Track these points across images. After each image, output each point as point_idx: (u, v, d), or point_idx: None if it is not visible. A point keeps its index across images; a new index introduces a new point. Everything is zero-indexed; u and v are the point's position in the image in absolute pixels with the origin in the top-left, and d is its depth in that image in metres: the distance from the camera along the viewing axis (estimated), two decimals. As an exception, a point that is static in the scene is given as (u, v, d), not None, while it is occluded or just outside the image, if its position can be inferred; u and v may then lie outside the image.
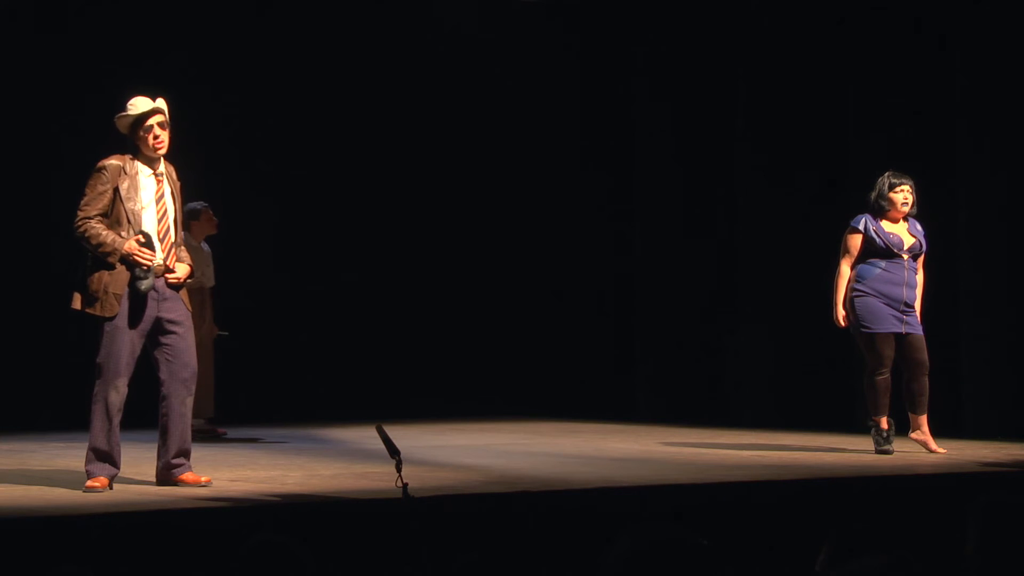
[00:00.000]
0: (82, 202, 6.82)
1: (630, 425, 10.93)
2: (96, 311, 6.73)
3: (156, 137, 6.84)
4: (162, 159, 6.94)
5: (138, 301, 6.75)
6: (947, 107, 10.09)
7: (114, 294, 6.72)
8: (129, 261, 6.72)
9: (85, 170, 6.89)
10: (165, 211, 6.91)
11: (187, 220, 9.52)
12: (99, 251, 6.74)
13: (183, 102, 7.48)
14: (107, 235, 6.74)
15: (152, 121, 6.84)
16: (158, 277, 6.81)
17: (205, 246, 10.21)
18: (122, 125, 6.89)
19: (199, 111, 10.60)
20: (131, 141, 6.89)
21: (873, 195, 8.56)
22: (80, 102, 10.31)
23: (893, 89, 10.28)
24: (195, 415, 9.81)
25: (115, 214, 6.79)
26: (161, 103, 6.90)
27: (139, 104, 6.86)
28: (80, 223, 6.78)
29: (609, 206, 12.46)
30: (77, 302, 6.80)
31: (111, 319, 6.71)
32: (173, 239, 6.93)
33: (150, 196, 6.86)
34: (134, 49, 10.85)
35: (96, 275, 6.76)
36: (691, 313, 11.70)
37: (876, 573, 2.87)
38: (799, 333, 10.70)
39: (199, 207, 10.04)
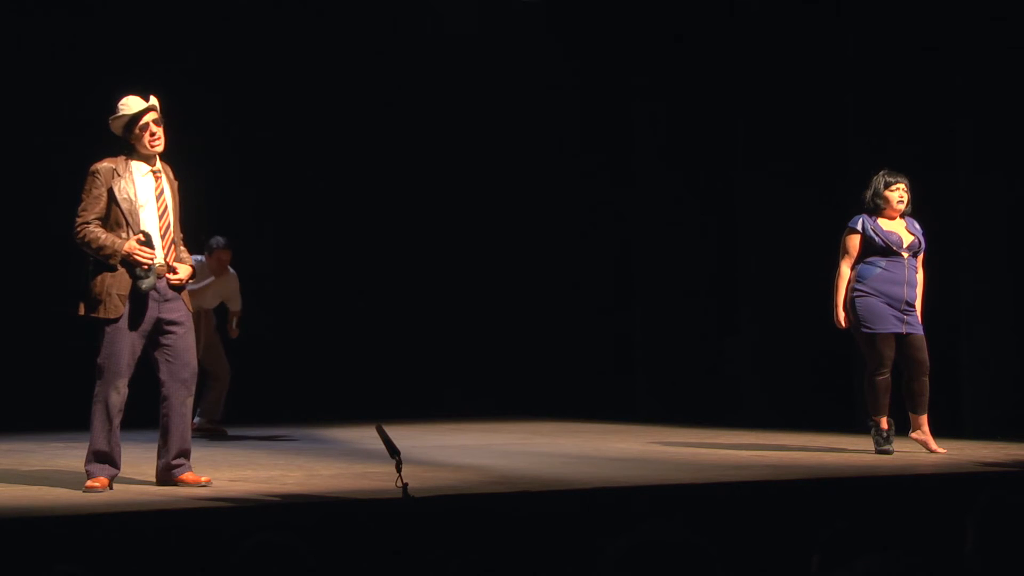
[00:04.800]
0: (79, 208, 6.81)
1: (630, 425, 10.92)
2: (100, 313, 6.72)
3: (152, 135, 6.82)
4: (158, 158, 6.93)
5: (139, 302, 6.75)
6: (947, 107, 10.09)
7: (118, 295, 6.71)
8: (129, 261, 6.72)
9: (85, 169, 6.88)
10: (166, 207, 6.90)
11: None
12: (100, 254, 6.74)
13: (183, 104, 7.47)
14: (106, 238, 6.73)
15: (147, 119, 6.82)
16: (159, 277, 6.80)
17: (229, 269, 10.23)
18: (116, 126, 6.87)
19: (200, 114, 10.62)
20: (126, 141, 6.86)
21: (869, 194, 8.56)
22: (79, 102, 10.31)
23: (893, 90, 10.28)
24: (204, 415, 9.93)
25: (112, 216, 6.78)
26: (154, 101, 6.87)
27: (132, 104, 6.84)
28: (79, 228, 6.76)
29: (609, 207, 12.47)
30: (82, 308, 6.79)
31: (115, 320, 6.71)
32: (173, 236, 6.93)
33: (149, 193, 6.85)
34: (132, 50, 10.85)
35: (99, 278, 6.75)
36: (691, 313, 11.70)
37: (874, 574, 2.87)
38: (799, 333, 10.70)
39: (213, 244, 10.06)
